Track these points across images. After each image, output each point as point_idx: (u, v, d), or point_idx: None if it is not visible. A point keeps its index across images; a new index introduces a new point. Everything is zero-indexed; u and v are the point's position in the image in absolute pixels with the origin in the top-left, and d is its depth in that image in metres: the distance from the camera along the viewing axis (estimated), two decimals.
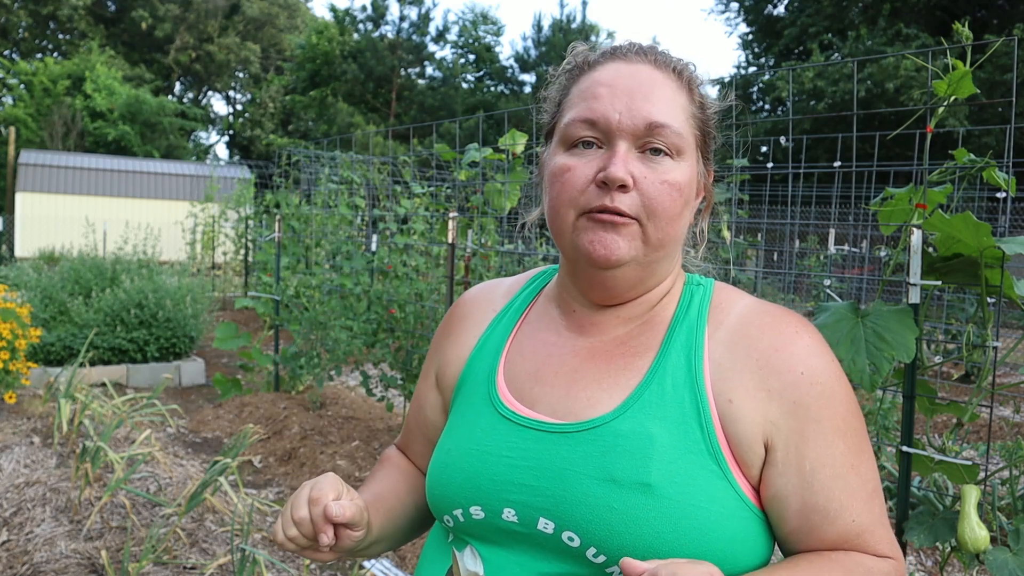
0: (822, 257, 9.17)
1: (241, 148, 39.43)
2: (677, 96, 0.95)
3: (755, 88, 22.80)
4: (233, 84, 40.98)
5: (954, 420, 4.01)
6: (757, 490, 0.91)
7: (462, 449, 0.96)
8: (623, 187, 0.90)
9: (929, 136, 1.95)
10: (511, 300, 1.10)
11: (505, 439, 0.94)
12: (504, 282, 1.15)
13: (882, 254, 7.30)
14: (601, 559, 0.85)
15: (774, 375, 0.90)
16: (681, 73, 0.97)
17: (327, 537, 0.89)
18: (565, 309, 1.03)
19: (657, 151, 0.92)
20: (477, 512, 0.92)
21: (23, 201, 19.78)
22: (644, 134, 0.92)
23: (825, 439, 0.88)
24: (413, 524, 1.11)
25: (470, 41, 34.76)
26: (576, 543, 0.86)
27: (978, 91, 1.82)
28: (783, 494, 0.89)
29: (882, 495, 0.93)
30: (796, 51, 22.25)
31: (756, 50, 24.93)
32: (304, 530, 0.90)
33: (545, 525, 0.88)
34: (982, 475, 1.89)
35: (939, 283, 1.82)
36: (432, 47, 34.95)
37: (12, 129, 24.24)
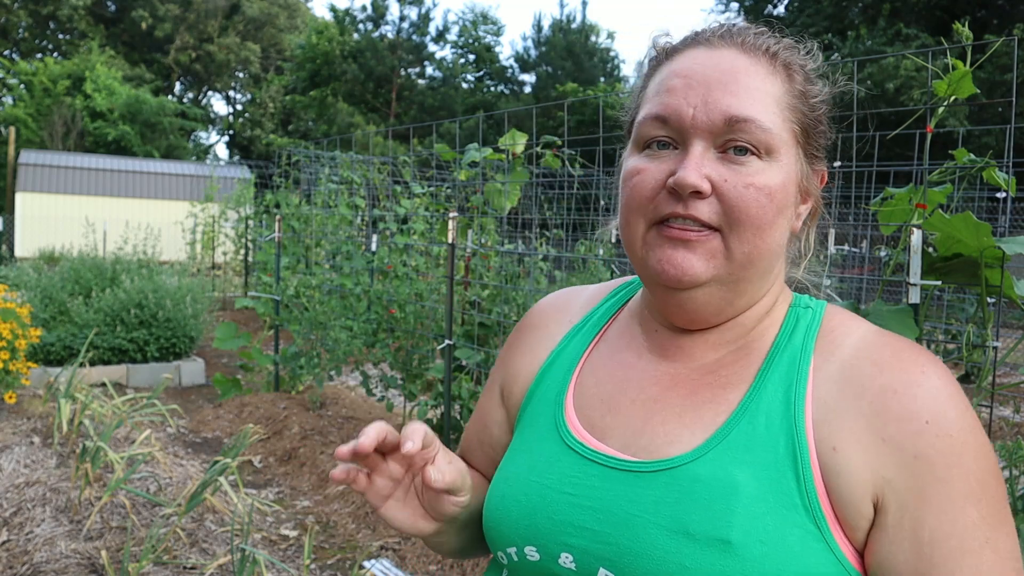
0: (822, 257, 9.17)
1: (241, 148, 39.45)
2: (768, 84, 0.81)
3: None
4: (233, 84, 41.01)
5: None
6: (862, 554, 0.76)
7: (522, 479, 0.85)
8: (698, 193, 0.78)
9: (929, 136, 1.95)
10: (590, 312, 0.98)
11: (568, 473, 0.82)
12: (586, 290, 1.02)
13: (882, 254, 7.30)
14: None
15: (892, 422, 0.74)
16: (776, 56, 0.83)
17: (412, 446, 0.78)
18: (648, 328, 0.90)
19: (742, 150, 0.79)
20: (532, 553, 0.82)
21: (23, 201, 19.79)
22: (724, 131, 0.78)
23: (952, 504, 0.72)
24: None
25: (470, 41, 34.81)
26: None
27: (978, 91, 1.82)
28: (891, 564, 0.73)
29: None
30: None
31: None
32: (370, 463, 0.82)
33: None
34: None
35: (939, 283, 1.83)
36: (432, 47, 35.05)
37: (12, 129, 24.21)
